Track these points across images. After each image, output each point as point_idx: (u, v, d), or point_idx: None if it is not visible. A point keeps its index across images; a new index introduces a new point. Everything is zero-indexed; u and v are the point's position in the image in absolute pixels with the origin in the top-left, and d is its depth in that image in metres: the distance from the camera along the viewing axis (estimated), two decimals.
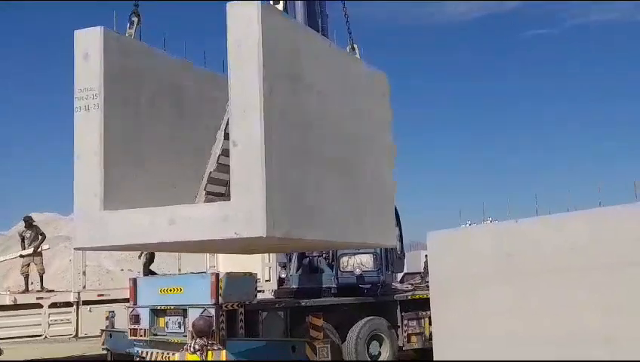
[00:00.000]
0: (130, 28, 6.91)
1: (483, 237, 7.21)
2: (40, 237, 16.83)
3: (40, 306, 15.66)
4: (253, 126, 5.64)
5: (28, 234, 16.87)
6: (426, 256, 11.53)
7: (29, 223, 16.97)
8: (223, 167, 7.25)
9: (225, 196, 7.14)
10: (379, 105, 8.10)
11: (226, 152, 7.14)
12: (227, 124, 6.98)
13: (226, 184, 7.12)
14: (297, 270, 13.64)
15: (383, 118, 8.18)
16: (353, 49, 8.13)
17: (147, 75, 6.99)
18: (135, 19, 6.93)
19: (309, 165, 6.33)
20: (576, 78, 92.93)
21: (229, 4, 5.89)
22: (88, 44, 6.47)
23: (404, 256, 14.82)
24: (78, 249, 7.04)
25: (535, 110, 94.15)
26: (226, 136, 7.00)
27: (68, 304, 15.99)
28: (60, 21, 76.86)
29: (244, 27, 5.75)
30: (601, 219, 5.96)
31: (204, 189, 7.20)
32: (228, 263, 15.62)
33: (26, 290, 16.80)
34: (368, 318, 12.71)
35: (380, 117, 8.10)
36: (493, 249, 6.78)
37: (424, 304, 12.39)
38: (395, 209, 13.71)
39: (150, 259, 16.80)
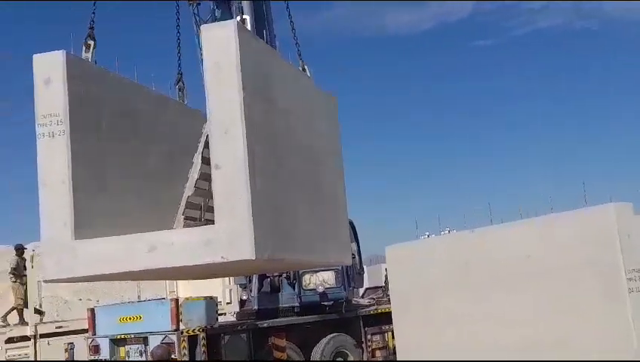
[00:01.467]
0: (86, 52, 6.82)
1: (440, 249, 7.29)
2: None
3: None
4: (236, 147, 5.59)
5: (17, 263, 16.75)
6: (386, 269, 11.58)
7: (21, 252, 16.75)
8: (198, 191, 7.20)
9: (199, 220, 7.10)
10: (330, 125, 8.20)
11: (202, 176, 7.10)
12: (204, 147, 6.94)
13: (201, 208, 7.09)
14: (259, 291, 13.57)
15: (334, 137, 8.28)
16: (304, 69, 8.18)
17: (106, 99, 6.90)
18: (91, 43, 6.84)
19: (282, 186, 6.34)
20: (525, 84, 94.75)
21: (203, 27, 5.90)
22: (49, 68, 6.28)
23: (363, 271, 14.87)
24: (49, 281, 6.87)
25: (485, 118, 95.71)
26: (204, 160, 6.98)
27: (25, 338, 15.63)
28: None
29: (222, 49, 5.74)
30: (553, 226, 6.08)
31: (183, 214, 7.13)
32: (188, 288, 15.47)
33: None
34: (332, 335, 12.69)
35: (331, 136, 8.19)
36: (450, 259, 6.86)
37: (387, 318, 12.40)
38: (353, 224, 13.81)
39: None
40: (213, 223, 6.80)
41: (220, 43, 5.77)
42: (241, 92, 5.67)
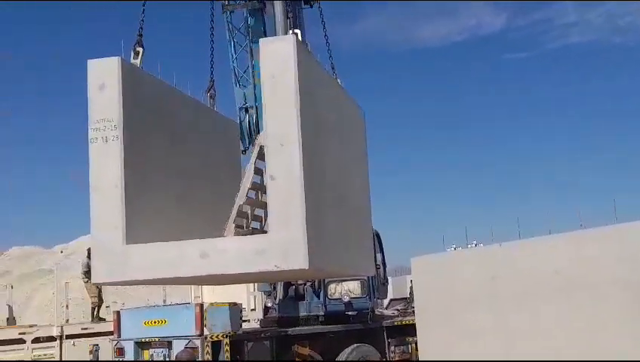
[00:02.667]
0: (134, 58, 6.94)
1: (466, 262, 7.25)
2: None
3: (23, 341, 15.47)
4: (291, 160, 5.76)
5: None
6: (412, 281, 11.52)
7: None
8: (247, 200, 7.33)
9: (245, 228, 7.23)
10: (358, 136, 8.27)
11: (252, 185, 7.26)
12: (256, 157, 7.11)
13: (247, 217, 7.23)
14: (283, 298, 13.58)
15: (361, 148, 8.36)
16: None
17: (153, 105, 7.05)
18: (140, 50, 6.96)
19: (323, 197, 6.47)
20: (555, 98, 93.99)
21: (262, 41, 6.04)
22: (104, 74, 6.36)
23: (387, 281, 14.80)
24: (98, 284, 7.07)
25: (514, 133, 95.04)
26: (255, 170, 7.15)
27: (51, 338, 15.80)
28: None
29: (280, 63, 5.87)
30: (583, 241, 6.02)
31: (234, 223, 7.25)
32: (213, 293, 15.55)
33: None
34: (355, 345, 12.65)
35: (359, 147, 8.26)
36: (476, 273, 6.82)
37: (411, 330, 12.35)
38: (379, 235, 13.78)
39: None
40: (258, 231, 6.99)
41: (279, 57, 5.89)
42: (298, 106, 5.80)
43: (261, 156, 6.75)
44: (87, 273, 17.14)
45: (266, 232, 6.80)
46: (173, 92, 7.49)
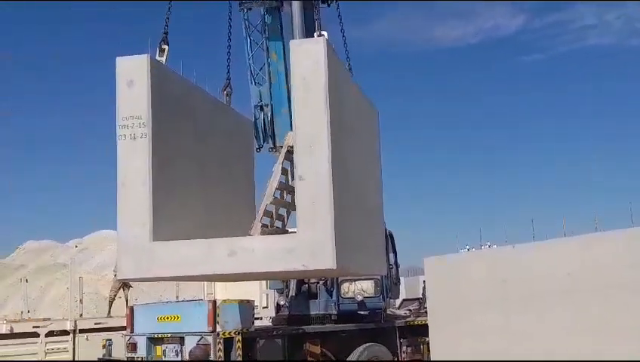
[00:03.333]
0: (160, 56, 6.97)
1: (478, 263, 7.23)
2: None
3: (37, 335, 15.60)
4: (321, 161, 5.84)
5: None
6: (424, 281, 11.51)
7: None
8: (274, 200, 7.40)
9: (269, 227, 7.29)
10: (372, 136, 8.30)
11: (279, 185, 7.32)
12: (284, 157, 7.18)
13: (272, 216, 7.29)
14: (296, 296, 13.60)
15: (375, 148, 8.38)
16: None
17: (178, 102, 7.13)
18: (165, 47, 7.00)
19: (346, 198, 6.54)
20: (571, 101, 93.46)
21: (292, 43, 6.15)
22: (133, 71, 6.44)
23: (399, 282, 14.79)
24: (124, 279, 7.19)
25: (530, 135, 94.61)
26: (282, 170, 7.22)
27: (65, 332, 15.94)
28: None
29: (311, 66, 5.93)
30: (596, 245, 5.99)
31: (260, 221, 7.32)
32: (225, 290, 15.61)
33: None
34: (367, 345, 12.65)
35: (373, 147, 8.28)
36: (488, 275, 6.80)
37: (423, 330, 12.35)
38: (392, 235, 13.78)
39: None
40: (281, 230, 7.03)
41: (309, 59, 5.95)
42: (327, 109, 5.88)
43: (287, 156, 6.80)
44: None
45: (288, 231, 6.85)
46: (195, 89, 7.55)
